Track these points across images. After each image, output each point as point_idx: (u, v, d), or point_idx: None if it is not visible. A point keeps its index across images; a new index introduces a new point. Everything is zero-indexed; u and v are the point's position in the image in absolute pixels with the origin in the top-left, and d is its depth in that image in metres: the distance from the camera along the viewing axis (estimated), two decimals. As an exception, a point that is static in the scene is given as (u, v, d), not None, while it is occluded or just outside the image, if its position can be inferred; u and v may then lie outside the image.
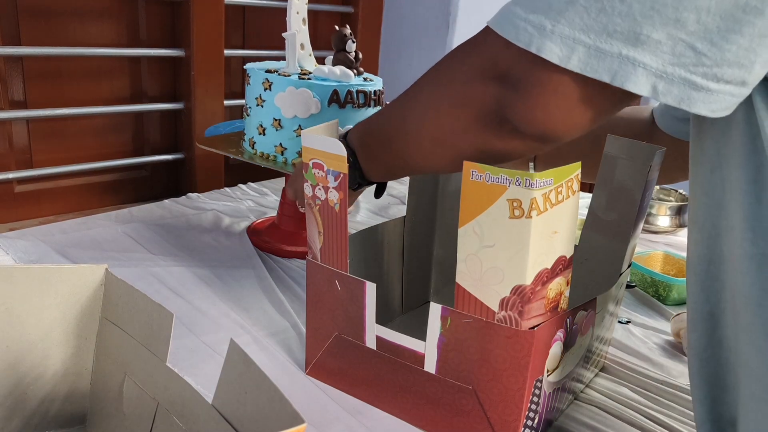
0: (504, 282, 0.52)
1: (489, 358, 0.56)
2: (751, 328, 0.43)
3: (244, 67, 1.00)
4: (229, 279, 0.89)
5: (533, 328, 0.53)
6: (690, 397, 0.70)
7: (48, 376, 0.54)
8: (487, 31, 0.45)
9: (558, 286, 0.55)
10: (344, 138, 0.64)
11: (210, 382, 0.45)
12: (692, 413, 0.67)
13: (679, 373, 0.76)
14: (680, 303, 0.94)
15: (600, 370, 0.76)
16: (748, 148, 0.41)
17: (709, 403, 0.50)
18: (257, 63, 1.03)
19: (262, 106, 0.94)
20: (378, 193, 0.71)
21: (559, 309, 0.56)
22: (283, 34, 0.97)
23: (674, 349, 0.82)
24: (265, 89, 0.93)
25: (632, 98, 0.42)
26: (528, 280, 0.51)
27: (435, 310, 0.57)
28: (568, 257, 0.55)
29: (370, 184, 0.66)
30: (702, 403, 0.50)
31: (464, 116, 0.48)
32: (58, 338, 0.53)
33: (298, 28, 0.97)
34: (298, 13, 0.96)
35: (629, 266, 0.73)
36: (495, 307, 0.53)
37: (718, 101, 0.39)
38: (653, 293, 0.95)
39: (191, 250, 0.96)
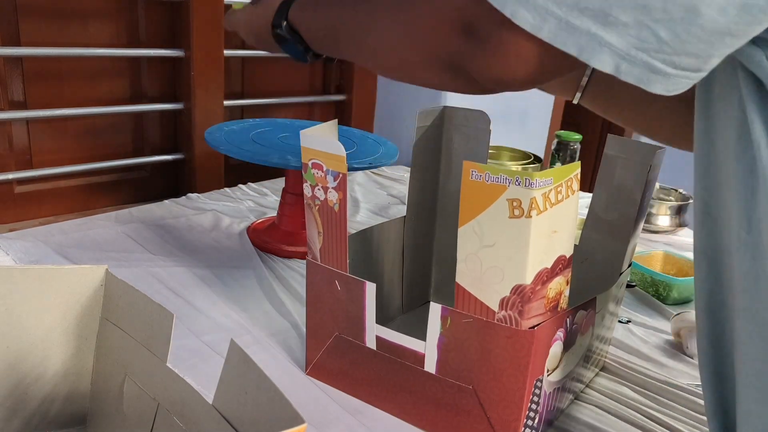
0: (504, 281, 0.52)
1: (489, 358, 0.56)
2: (746, 315, 0.45)
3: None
4: (229, 279, 0.89)
5: (533, 327, 0.53)
6: (690, 396, 0.70)
7: (48, 377, 0.54)
8: None
9: (558, 285, 0.55)
10: (285, 13, 0.61)
11: (210, 382, 0.45)
12: (692, 413, 0.68)
13: (679, 372, 0.76)
14: (680, 302, 0.94)
15: (600, 370, 0.76)
16: (743, 144, 0.43)
17: (717, 397, 0.51)
18: None
19: None
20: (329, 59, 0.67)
21: (558, 308, 0.56)
22: None
23: (674, 348, 0.82)
24: None
25: (584, 66, 0.43)
26: (528, 279, 0.51)
27: (435, 310, 0.57)
28: (567, 256, 0.55)
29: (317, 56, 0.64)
30: (713, 393, 0.51)
31: (425, 56, 0.48)
32: (59, 339, 0.53)
33: None
34: None
35: (629, 266, 0.73)
36: (495, 306, 0.53)
37: (674, 84, 0.40)
38: (653, 293, 0.95)
39: (191, 251, 0.96)
